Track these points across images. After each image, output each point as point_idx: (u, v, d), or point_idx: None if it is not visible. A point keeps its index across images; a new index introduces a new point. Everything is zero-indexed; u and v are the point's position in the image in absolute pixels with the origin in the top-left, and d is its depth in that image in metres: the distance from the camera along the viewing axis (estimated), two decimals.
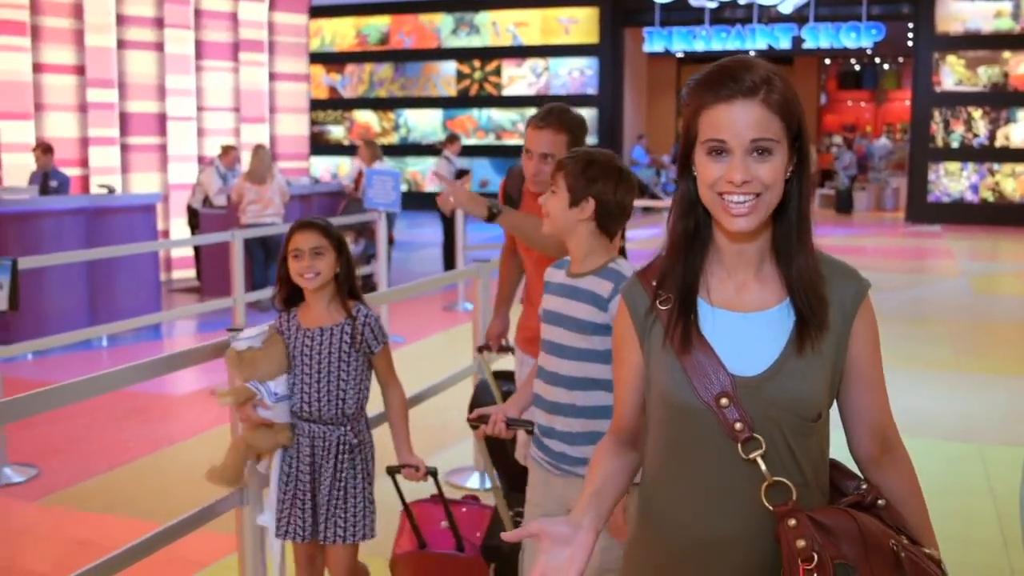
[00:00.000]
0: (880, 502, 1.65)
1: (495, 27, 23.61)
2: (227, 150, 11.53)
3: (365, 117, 24.91)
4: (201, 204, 11.27)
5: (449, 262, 11.88)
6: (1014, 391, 6.92)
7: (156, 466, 5.46)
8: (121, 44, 11.53)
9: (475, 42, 23.76)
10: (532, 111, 21.61)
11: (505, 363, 4.61)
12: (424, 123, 24.43)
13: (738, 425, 1.58)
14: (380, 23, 24.49)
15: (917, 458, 1.78)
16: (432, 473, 3.19)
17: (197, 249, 11.30)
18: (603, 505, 1.70)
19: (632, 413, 1.77)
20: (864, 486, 1.68)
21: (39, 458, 5.49)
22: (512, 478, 3.66)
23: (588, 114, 22.39)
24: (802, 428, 1.61)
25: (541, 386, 2.75)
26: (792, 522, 1.54)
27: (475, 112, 23.93)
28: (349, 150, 22.75)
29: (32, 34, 10.78)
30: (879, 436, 1.71)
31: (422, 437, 4.21)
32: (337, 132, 25.15)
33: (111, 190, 10.08)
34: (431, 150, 23.23)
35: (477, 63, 23.79)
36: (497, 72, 23.67)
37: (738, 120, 1.56)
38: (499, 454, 3.81)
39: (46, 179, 10.31)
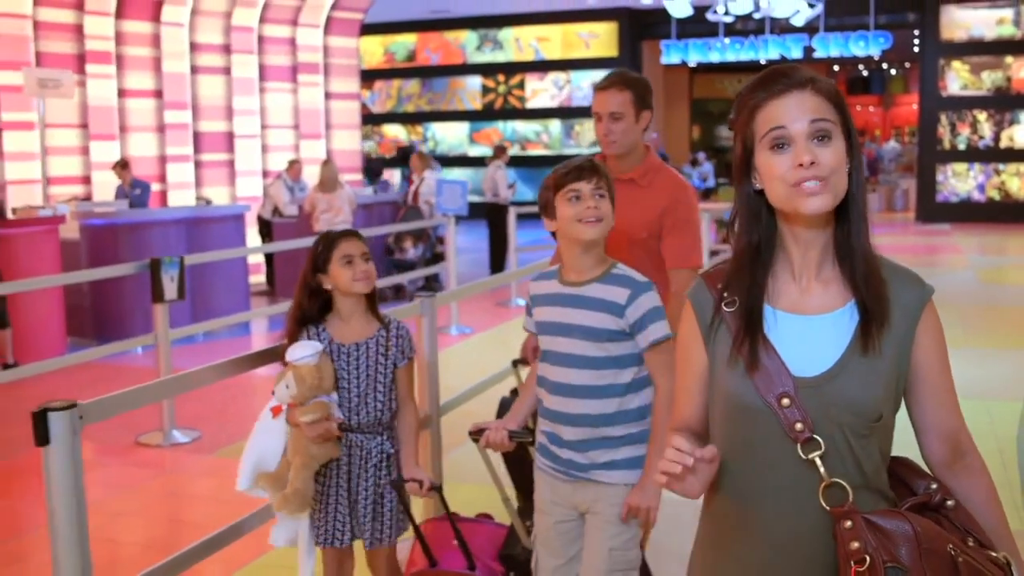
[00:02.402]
0: (949, 503, 1.66)
1: (518, 43, 24.64)
2: (292, 164, 12.60)
3: (394, 131, 25.94)
4: (271, 214, 12.32)
5: (496, 264, 12.90)
6: (1017, 361, 7.91)
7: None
8: (194, 69, 12.62)
9: (499, 57, 24.77)
10: (555, 122, 22.51)
11: None
12: (451, 136, 25.45)
13: (798, 425, 1.60)
14: (407, 41, 25.53)
15: None
16: (437, 489, 3.14)
17: (268, 256, 12.34)
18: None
19: (696, 414, 1.79)
20: (934, 486, 1.68)
21: (197, 423, 6.53)
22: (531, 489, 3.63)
23: None
24: (862, 429, 1.62)
25: (546, 396, 2.78)
26: (848, 524, 1.56)
27: (500, 124, 24.92)
28: (388, 163, 23.72)
29: (117, 63, 11.87)
30: (949, 442, 1.71)
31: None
32: (368, 146, 26.20)
33: (208, 202, 11.14)
34: (459, 161, 24.33)
35: (501, 77, 24.80)
36: (520, 86, 24.67)
37: (794, 107, 1.62)
38: (517, 465, 3.81)
39: (131, 189, 11.38)
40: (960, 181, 20.78)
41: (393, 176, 21.80)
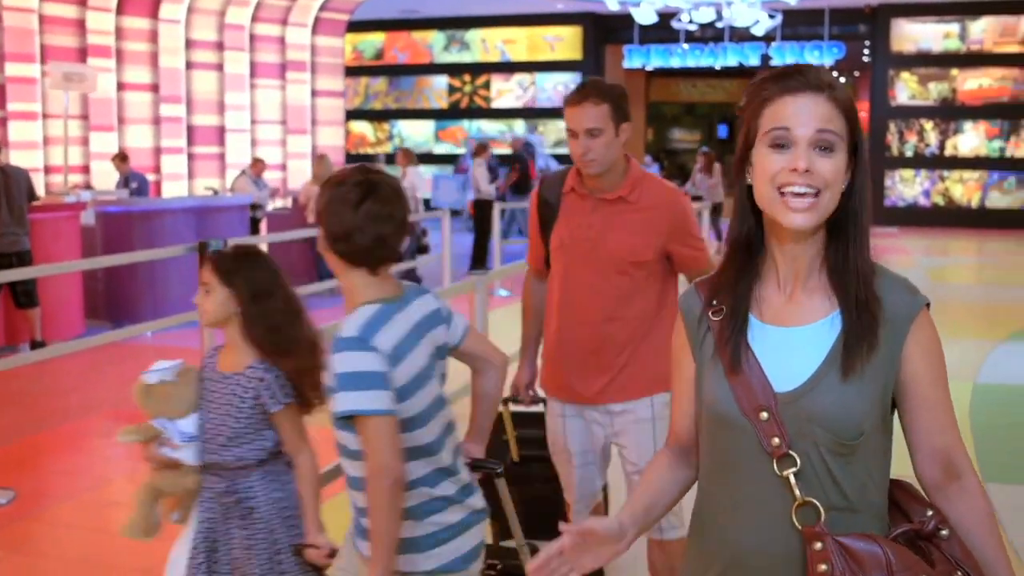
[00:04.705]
0: (943, 532, 1.57)
1: (484, 44, 25.18)
2: (256, 162, 13.11)
3: (360, 128, 26.39)
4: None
5: (478, 258, 13.52)
6: (965, 348, 8.74)
7: None
8: (189, 65, 13.12)
9: (466, 58, 25.25)
10: (520, 122, 23.13)
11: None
12: (417, 134, 25.96)
13: (775, 440, 1.55)
14: (375, 39, 25.91)
15: None
16: (333, 555, 2.61)
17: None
18: (648, 521, 1.72)
19: (687, 424, 1.74)
20: (929, 513, 1.59)
21: None
22: (528, 519, 3.33)
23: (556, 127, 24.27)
24: (839, 447, 1.55)
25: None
26: (818, 545, 1.51)
27: (465, 123, 25.45)
28: (350, 159, 24.21)
29: (117, 57, 12.33)
30: (941, 461, 1.62)
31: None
32: None
33: (215, 192, 11.66)
34: (425, 158, 24.88)
35: (467, 77, 25.27)
36: (486, 86, 25.18)
37: (804, 110, 1.54)
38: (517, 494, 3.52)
39: (127, 182, 11.86)
40: (907, 186, 21.77)
41: None
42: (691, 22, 19.35)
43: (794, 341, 1.60)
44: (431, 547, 2.29)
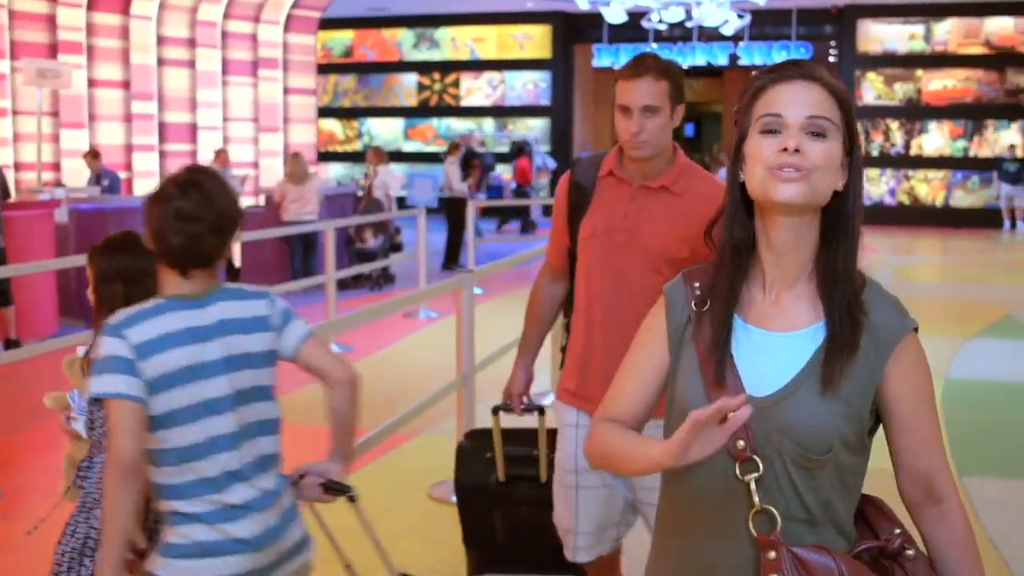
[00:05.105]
0: (908, 552, 1.56)
1: (454, 42, 25.19)
2: (219, 153, 13.03)
3: (329, 125, 26.31)
4: None
5: (451, 255, 13.55)
6: (935, 343, 8.85)
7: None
8: (160, 62, 13.04)
9: (435, 56, 25.24)
10: (489, 120, 23.25)
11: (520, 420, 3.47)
12: (386, 131, 25.91)
13: (740, 443, 1.52)
14: (344, 37, 25.85)
15: None
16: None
17: None
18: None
19: (636, 410, 1.69)
20: (897, 531, 1.59)
21: None
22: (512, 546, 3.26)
23: (541, 124, 24.33)
24: (805, 461, 1.52)
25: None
26: (772, 555, 1.49)
27: (435, 121, 25.47)
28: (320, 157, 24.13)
29: (87, 53, 12.24)
30: (923, 484, 1.60)
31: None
32: None
33: None
34: (394, 156, 24.82)
35: (437, 75, 25.26)
36: (456, 84, 25.17)
37: (797, 96, 1.53)
38: (478, 528, 3.36)
39: (99, 180, 11.78)
40: (873, 185, 22.04)
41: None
42: (661, 22, 19.46)
43: (774, 347, 1.58)
44: (172, 556, 2.18)
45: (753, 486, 1.51)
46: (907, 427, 1.58)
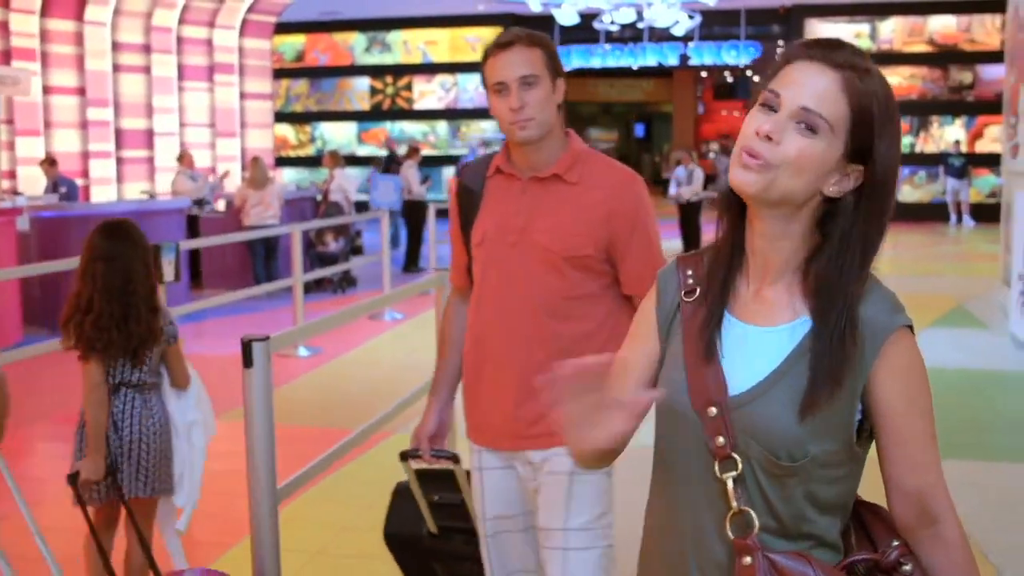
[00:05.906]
0: (905, 567, 1.45)
1: (406, 45, 25.23)
2: (183, 156, 12.98)
3: (281, 130, 26.19)
4: (199, 209, 12.76)
5: (411, 258, 13.61)
6: None
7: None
8: (115, 68, 12.96)
9: (387, 59, 25.27)
10: (442, 123, 23.26)
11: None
12: (339, 136, 25.88)
13: (720, 439, 1.43)
14: (296, 41, 25.76)
15: None
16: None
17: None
18: None
19: (625, 389, 1.53)
20: (895, 543, 1.47)
21: None
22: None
23: (494, 126, 24.40)
24: (774, 467, 1.41)
25: None
26: (747, 560, 1.41)
27: (388, 125, 25.50)
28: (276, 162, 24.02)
29: (41, 60, 12.14)
30: (915, 504, 1.46)
31: None
32: None
33: (151, 195, 11.54)
34: (347, 160, 24.76)
35: (389, 79, 25.29)
36: (408, 87, 25.21)
37: (804, 80, 1.39)
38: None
39: (56, 187, 11.69)
40: None
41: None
42: (612, 23, 19.67)
43: (751, 341, 1.47)
44: None
45: (731, 485, 1.42)
46: (897, 438, 1.44)
